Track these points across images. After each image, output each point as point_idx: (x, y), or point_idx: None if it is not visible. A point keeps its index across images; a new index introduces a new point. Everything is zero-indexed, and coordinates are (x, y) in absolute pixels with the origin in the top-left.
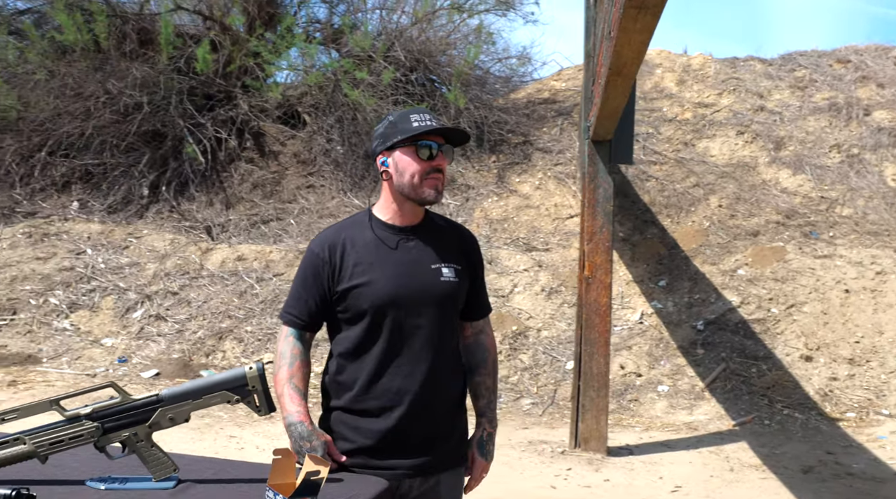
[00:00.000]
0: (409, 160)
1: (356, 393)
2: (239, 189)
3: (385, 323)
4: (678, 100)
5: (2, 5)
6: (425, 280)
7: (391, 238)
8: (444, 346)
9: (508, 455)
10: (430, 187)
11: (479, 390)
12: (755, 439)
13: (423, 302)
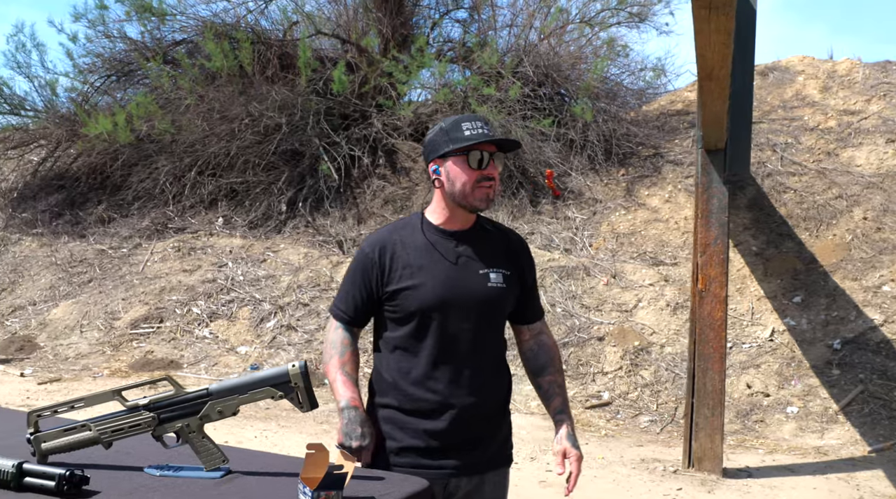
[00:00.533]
0: (460, 169)
1: (403, 393)
2: (371, 204)
3: (432, 326)
4: (821, 107)
5: (160, 37)
6: (473, 285)
7: (442, 242)
8: (489, 350)
9: (617, 472)
10: (482, 196)
11: (552, 390)
12: (892, 467)
13: (470, 306)
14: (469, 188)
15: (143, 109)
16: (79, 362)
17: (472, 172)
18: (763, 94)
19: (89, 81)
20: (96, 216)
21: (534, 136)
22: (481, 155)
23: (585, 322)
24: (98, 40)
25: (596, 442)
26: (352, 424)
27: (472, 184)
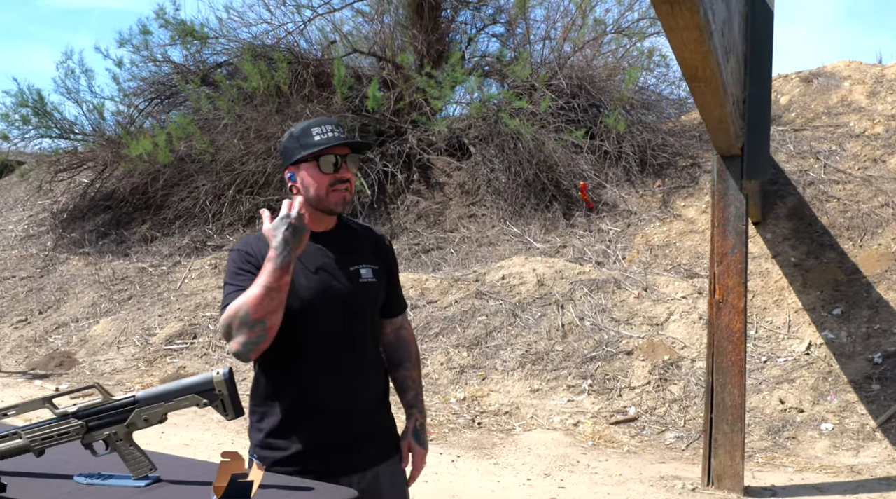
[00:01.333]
0: (313, 174)
1: (284, 399)
2: (404, 220)
3: (306, 328)
4: (868, 113)
5: (202, 60)
6: (343, 283)
7: (309, 245)
8: (367, 345)
9: (633, 490)
10: (338, 199)
11: (407, 384)
12: None
13: (342, 305)
14: (324, 192)
15: (182, 130)
16: (114, 377)
17: (325, 176)
18: (807, 101)
19: (134, 104)
20: (140, 235)
21: (567, 148)
22: (335, 158)
23: (615, 336)
24: (143, 64)
25: (617, 458)
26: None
27: (326, 188)
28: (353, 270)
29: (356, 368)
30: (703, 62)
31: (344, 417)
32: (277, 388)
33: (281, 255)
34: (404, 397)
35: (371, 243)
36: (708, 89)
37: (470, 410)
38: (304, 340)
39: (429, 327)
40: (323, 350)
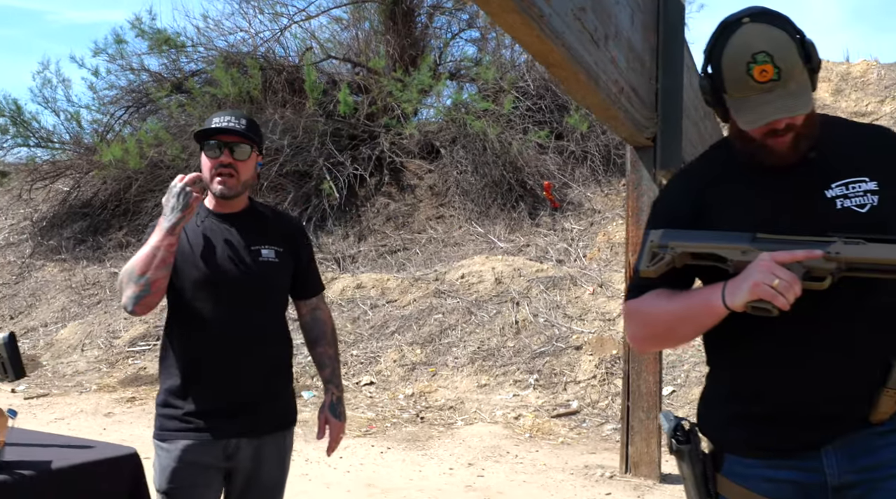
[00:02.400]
0: (203, 158)
1: (185, 364)
2: (373, 222)
3: (210, 300)
4: (831, 110)
5: (179, 68)
6: (244, 260)
7: (213, 225)
8: (267, 319)
9: (552, 478)
10: (219, 183)
11: (323, 360)
12: None
13: (242, 279)
14: (209, 176)
15: (152, 137)
16: (74, 379)
17: (210, 160)
18: None
19: (110, 113)
20: (116, 241)
21: (534, 149)
22: (217, 144)
23: (566, 332)
24: (121, 73)
25: (548, 449)
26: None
27: (209, 172)
28: (255, 249)
29: (255, 339)
30: (544, 46)
31: (239, 383)
32: (175, 353)
33: (168, 218)
34: (322, 373)
35: (281, 229)
36: (566, 75)
37: (416, 405)
38: (200, 309)
39: (386, 326)
40: (215, 320)
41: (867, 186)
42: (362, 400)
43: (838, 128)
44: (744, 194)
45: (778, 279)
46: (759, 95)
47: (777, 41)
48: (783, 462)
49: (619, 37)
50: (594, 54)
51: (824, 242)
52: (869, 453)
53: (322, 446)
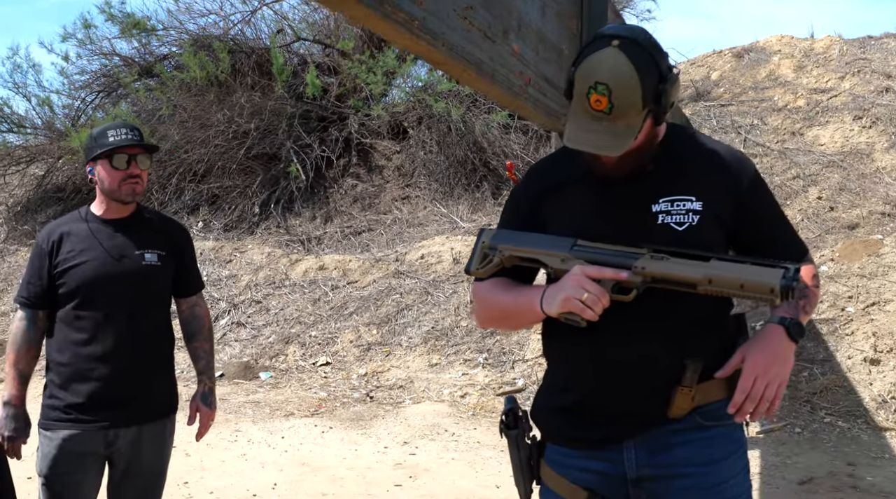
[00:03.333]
0: (107, 170)
1: (68, 359)
2: (340, 203)
3: (94, 300)
4: (792, 87)
5: (150, 52)
6: (129, 263)
7: (101, 229)
8: (145, 317)
9: (481, 455)
10: (128, 190)
11: (199, 354)
12: (774, 447)
13: (127, 281)
14: (116, 185)
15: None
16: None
17: (117, 172)
18: (736, 76)
19: (81, 97)
20: None
21: (498, 129)
22: (126, 157)
23: None
24: (92, 58)
25: (486, 427)
26: (8, 419)
27: (118, 182)
28: (139, 253)
29: (134, 337)
30: (421, 48)
31: (114, 378)
32: (59, 347)
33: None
34: (196, 366)
35: (164, 232)
36: (456, 72)
37: (368, 385)
38: (90, 309)
39: (344, 307)
40: (105, 320)
41: (691, 205)
42: (316, 380)
43: (687, 143)
44: (577, 199)
45: (587, 293)
46: (587, 120)
47: (624, 78)
48: (592, 453)
49: (524, 29)
50: (488, 50)
51: (634, 254)
52: (665, 450)
53: (267, 427)
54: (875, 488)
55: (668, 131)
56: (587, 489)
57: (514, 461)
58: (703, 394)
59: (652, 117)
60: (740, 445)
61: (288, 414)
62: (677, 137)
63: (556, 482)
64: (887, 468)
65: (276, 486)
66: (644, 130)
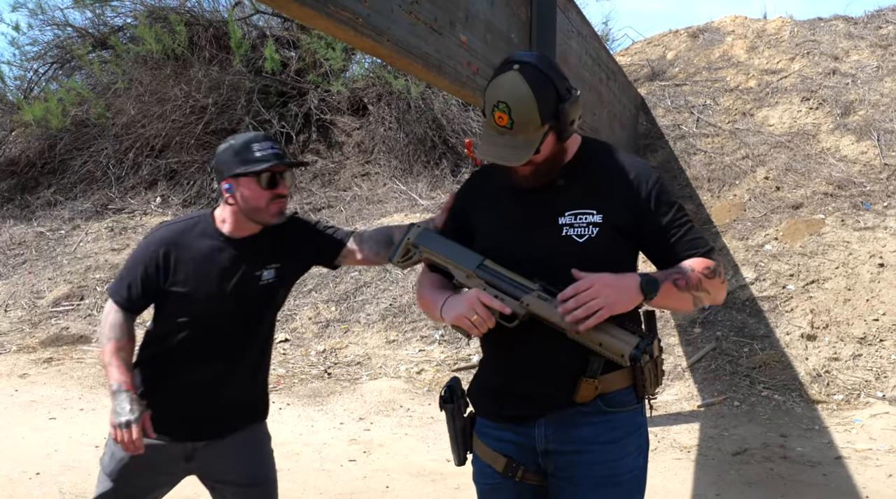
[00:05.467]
0: (252, 189)
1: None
2: (300, 180)
3: (203, 326)
4: (744, 68)
5: (105, 23)
6: (245, 290)
7: (224, 249)
8: (255, 342)
9: (433, 431)
10: (275, 211)
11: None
12: (713, 420)
13: (240, 306)
14: (263, 205)
15: (74, 95)
16: None
17: (265, 191)
18: (691, 56)
19: (34, 69)
20: (44, 200)
21: (458, 106)
22: (272, 176)
23: None
24: (44, 28)
25: None
26: (122, 403)
27: (266, 202)
28: (258, 274)
29: (231, 360)
30: (366, 44)
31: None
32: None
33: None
34: None
35: (275, 237)
36: (403, 65)
37: (326, 361)
38: (193, 336)
39: (303, 284)
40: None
41: (593, 218)
42: (275, 357)
43: (598, 159)
44: (498, 208)
45: (476, 315)
46: (493, 134)
47: (521, 98)
48: (507, 426)
49: (471, 20)
50: (435, 43)
51: (527, 287)
52: (573, 428)
53: None
54: (804, 459)
55: (583, 147)
56: (505, 456)
57: (450, 431)
58: (605, 384)
59: (554, 133)
60: (637, 427)
61: None
62: (592, 153)
63: (482, 450)
64: (816, 439)
65: None
66: (547, 145)
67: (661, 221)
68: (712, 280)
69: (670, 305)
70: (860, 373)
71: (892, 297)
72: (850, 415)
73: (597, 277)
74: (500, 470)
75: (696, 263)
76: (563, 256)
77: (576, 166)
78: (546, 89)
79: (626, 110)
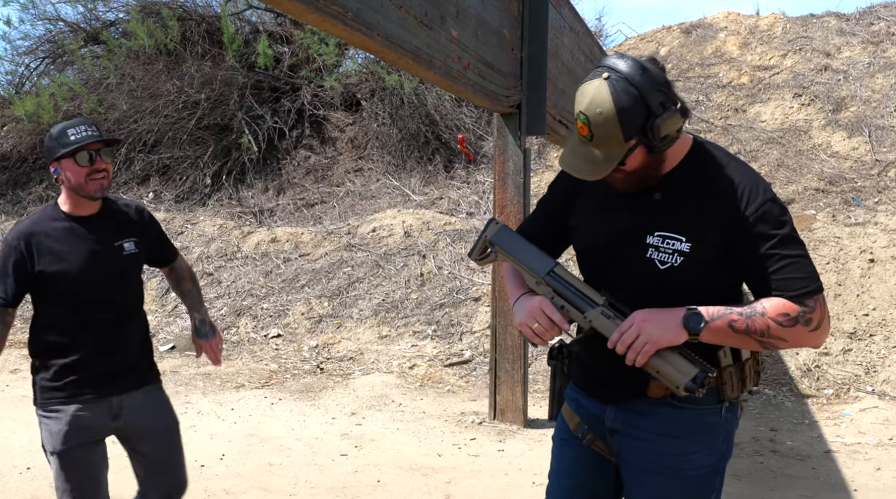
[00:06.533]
0: (72, 168)
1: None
2: (293, 175)
3: (80, 298)
4: (737, 64)
5: (97, 18)
6: (110, 258)
7: (76, 228)
8: (130, 303)
9: (424, 424)
10: (96, 186)
11: (185, 294)
12: None
13: (110, 276)
14: (84, 181)
15: (66, 90)
16: None
17: (83, 168)
18: (684, 52)
19: (25, 63)
20: (36, 195)
21: (451, 102)
22: (89, 154)
23: (467, 284)
24: (35, 22)
25: (433, 397)
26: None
27: (85, 178)
28: (118, 245)
29: (117, 321)
30: (356, 38)
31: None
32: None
33: None
34: (186, 303)
35: (133, 217)
36: (392, 59)
37: (318, 356)
38: (74, 308)
39: (297, 279)
40: (87, 314)
41: (680, 245)
42: (268, 352)
43: (709, 168)
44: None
45: (538, 324)
46: (576, 142)
47: (603, 114)
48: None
49: (462, 15)
50: (425, 37)
51: (593, 302)
52: (638, 415)
53: (217, 399)
54: (794, 452)
55: (692, 154)
56: (580, 417)
57: (550, 386)
58: None
59: (644, 148)
60: (711, 427)
61: (238, 386)
62: (700, 163)
63: (565, 408)
64: (806, 433)
65: (224, 456)
66: (636, 158)
67: (758, 249)
68: (789, 329)
69: (731, 344)
70: (850, 368)
71: (882, 292)
72: (839, 409)
73: (637, 316)
74: (572, 428)
75: (773, 308)
76: (640, 280)
77: (677, 178)
78: (633, 105)
79: None
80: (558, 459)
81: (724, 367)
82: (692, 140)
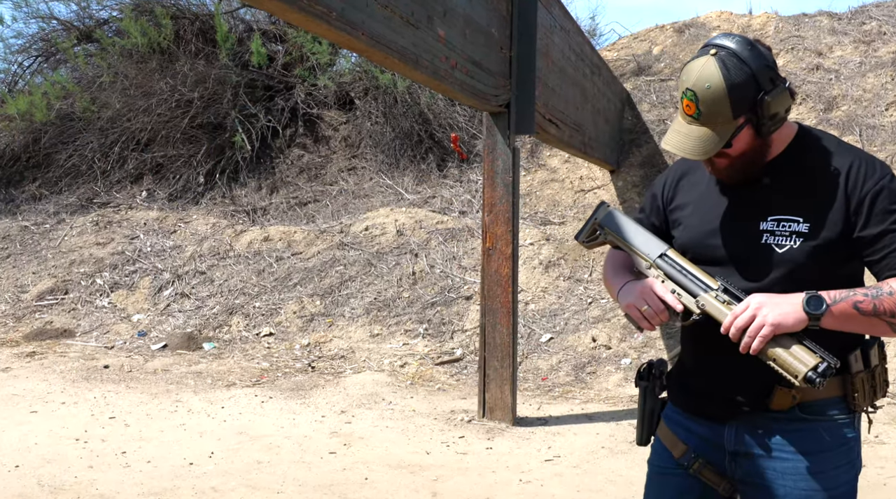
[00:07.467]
0: None
1: None
2: (286, 174)
3: None
4: None
5: (90, 16)
6: None
7: None
8: None
9: (413, 422)
10: None
11: None
12: None
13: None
14: None
15: (59, 88)
16: None
17: None
18: (677, 51)
19: (18, 62)
20: (29, 194)
21: (443, 101)
22: None
23: (459, 282)
24: (28, 21)
25: (423, 395)
26: None
27: None
28: None
29: None
30: (341, 37)
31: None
32: None
33: None
34: None
35: None
36: (378, 58)
37: (310, 355)
38: None
39: (289, 278)
40: None
41: (798, 227)
42: (259, 351)
43: (818, 150)
44: (701, 198)
45: (647, 306)
46: (681, 122)
47: (710, 87)
48: (699, 419)
49: (449, 14)
50: (412, 37)
51: (707, 286)
52: (765, 433)
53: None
54: None
55: (798, 139)
56: (685, 445)
57: (639, 409)
58: (805, 392)
59: (751, 127)
60: (845, 442)
61: (229, 384)
62: (808, 146)
63: (665, 434)
64: None
65: (212, 454)
66: (742, 139)
67: (874, 229)
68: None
69: (857, 329)
70: None
71: None
72: None
73: (753, 299)
74: (677, 456)
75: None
76: (758, 267)
77: (786, 162)
78: (743, 79)
79: (611, 105)
80: (659, 491)
81: (856, 373)
82: (797, 127)
